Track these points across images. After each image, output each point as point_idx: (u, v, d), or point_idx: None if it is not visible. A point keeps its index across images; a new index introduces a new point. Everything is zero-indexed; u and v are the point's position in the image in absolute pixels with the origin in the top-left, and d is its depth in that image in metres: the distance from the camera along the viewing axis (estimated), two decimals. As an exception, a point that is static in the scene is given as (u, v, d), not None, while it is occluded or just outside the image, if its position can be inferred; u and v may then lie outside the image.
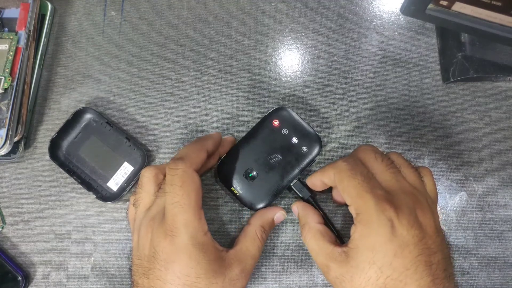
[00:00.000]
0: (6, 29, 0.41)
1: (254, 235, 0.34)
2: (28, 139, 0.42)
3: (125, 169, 0.39)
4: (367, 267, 0.28)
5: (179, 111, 0.41)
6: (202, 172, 0.37)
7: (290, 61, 0.42)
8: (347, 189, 0.30)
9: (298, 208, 0.36)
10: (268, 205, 0.37)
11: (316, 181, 0.35)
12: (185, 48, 0.43)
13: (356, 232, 0.29)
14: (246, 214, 0.39)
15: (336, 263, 0.30)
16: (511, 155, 0.39)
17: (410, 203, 0.29)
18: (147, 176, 0.35)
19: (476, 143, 0.39)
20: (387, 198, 0.28)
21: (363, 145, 0.34)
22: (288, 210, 0.38)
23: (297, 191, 0.36)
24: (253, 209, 0.37)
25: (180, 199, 0.30)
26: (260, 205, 0.36)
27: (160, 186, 0.34)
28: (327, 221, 0.35)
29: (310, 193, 0.36)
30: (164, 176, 0.34)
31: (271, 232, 0.38)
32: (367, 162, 0.32)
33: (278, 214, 0.36)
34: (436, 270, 0.27)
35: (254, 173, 0.37)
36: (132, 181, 0.39)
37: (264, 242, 0.35)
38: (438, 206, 0.37)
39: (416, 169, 0.32)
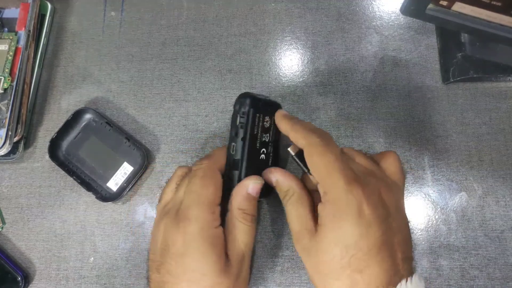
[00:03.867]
0: (6, 29, 0.41)
1: (235, 222, 0.31)
2: (28, 139, 0.42)
3: (125, 169, 0.39)
4: (332, 245, 0.28)
5: (179, 111, 0.41)
6: None
7: (290, 61, 0.42)
8: (317, 167, 0.29)
9: (277, 175, 0.32)
10: (245, 172, 0.32)
11: (284, 126, 0.33)
12: (185, 48, 0.43)
13: (323, 210, 0.29)
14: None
15: (307, 234, 0.29)
16: (511, 155, 0.39)
17: (375, 184, 0.29)
18: (176, 173, 0.35)
19: (476, 143, 0.39)
20: (356, 179, 0.28)
21: None
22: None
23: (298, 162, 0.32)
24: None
25: (198, 189, 0.30)
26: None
27: None
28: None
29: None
30: None
31: (271, 232, 0.38)
32: None
33: (251, 186, 0.32)
34: (396, 252, 0.28)
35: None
36: (132, 181, 0.39)
37: (251, 222, 0.32)
38: (438, 206, 0.38)
39: (369, 157, 0.33)
